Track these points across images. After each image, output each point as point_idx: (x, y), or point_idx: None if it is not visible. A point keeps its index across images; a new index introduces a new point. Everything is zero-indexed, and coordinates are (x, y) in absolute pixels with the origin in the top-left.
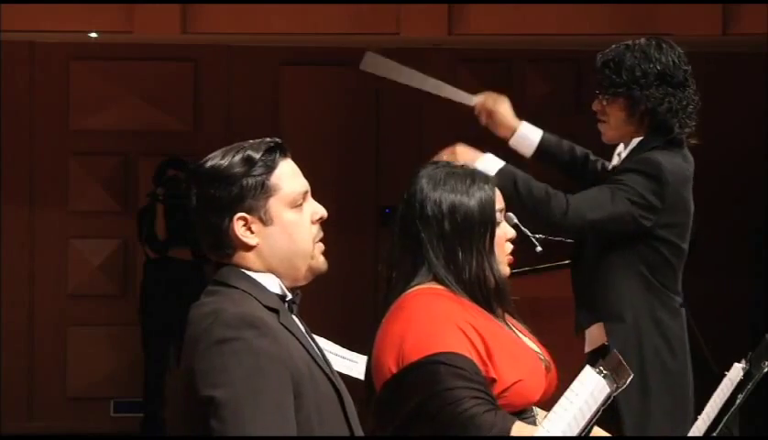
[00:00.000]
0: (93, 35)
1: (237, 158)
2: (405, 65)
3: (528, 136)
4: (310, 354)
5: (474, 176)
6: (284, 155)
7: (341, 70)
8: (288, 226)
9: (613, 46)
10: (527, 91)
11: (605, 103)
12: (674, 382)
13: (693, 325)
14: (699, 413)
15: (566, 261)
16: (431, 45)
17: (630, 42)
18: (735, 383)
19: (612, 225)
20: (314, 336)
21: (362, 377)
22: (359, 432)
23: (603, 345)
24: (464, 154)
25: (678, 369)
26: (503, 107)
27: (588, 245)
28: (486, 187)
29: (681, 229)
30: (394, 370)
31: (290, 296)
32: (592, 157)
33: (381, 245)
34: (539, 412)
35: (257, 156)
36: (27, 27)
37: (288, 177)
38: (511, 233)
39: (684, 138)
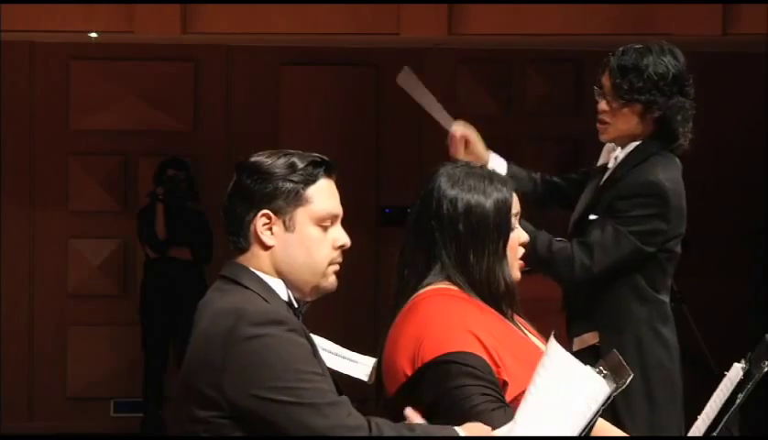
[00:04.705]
0: (93, 35)
1: (282, 160)
2: (405, 65)
3: (496, 167)
4: (319, 359)
5: (492, 177)
6: (328, 174)
7: (341, 70)
8: (306, 240)
9: (623, 49)
10: (527, 91)
11: (615, 105)
12: (677, 392)
13: (693, 325)
14: (699, 413)
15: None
16: (431, 45)
17: (641, 47)
18: (735, 383)
19: (619, 265)
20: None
21: (362, 377)
22: None
23: (593, 345)
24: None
25: (678, 379)
26: (477, 137)
27: None
28: (503, 189)
29: (679, 238)
30: (409, 373)
31: (296, 305)
32: (556, 178)
33: (381, 245)
34: None
35: (300, 164)
36: (27, 27)
37: (323, 195)
38: (525, 237)
39: (683, 146)
